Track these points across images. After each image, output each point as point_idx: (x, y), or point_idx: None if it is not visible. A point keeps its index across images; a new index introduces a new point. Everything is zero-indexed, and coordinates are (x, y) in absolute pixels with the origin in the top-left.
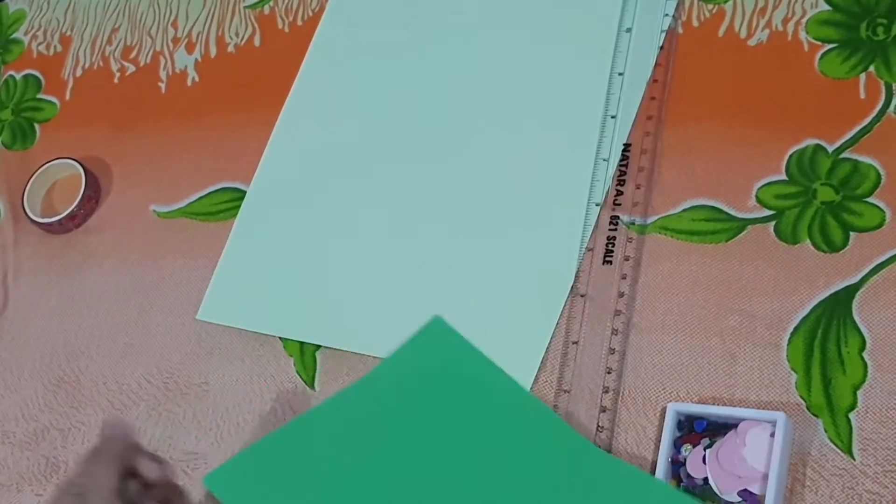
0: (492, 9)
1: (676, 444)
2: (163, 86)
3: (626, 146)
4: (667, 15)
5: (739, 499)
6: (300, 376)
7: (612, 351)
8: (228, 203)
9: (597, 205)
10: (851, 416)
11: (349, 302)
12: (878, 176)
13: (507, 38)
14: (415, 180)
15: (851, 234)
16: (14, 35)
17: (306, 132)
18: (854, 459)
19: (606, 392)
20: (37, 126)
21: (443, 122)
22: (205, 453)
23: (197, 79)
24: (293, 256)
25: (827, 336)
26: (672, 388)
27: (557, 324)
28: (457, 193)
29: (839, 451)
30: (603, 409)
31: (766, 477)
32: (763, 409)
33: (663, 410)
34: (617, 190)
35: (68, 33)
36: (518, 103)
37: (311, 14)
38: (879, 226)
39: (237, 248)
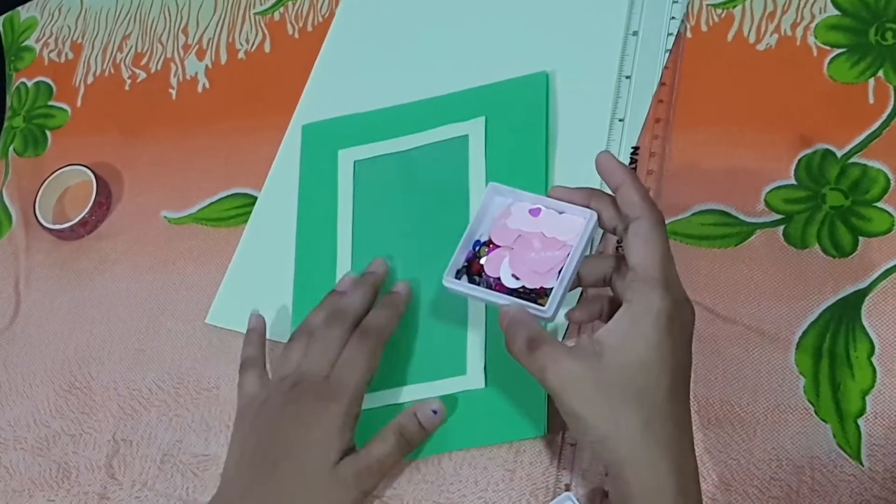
0: (500, 14)
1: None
2: (173, 92)
3: (635, 149)
4: (674, 18)
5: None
6: None
7: None
8: (239, 209)
9: None
10: (860, 421)
11: None
12: (888, 181)
13: (516, 42)
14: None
15: (860, 238)
16: (25, 42)
17: None
18: (863, 465)
19: None
20: (48, 133)
21: None
22: (215, 456)
23: (208, 85)
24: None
25: (836, 341)
26: None
27: (569, 328)
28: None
29: (847, 457)
30: None
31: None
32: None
33: None
34: None
35: (79, 41)
36: None
37: (321, 20)
38: (888, 231)
39: (247, 253)
